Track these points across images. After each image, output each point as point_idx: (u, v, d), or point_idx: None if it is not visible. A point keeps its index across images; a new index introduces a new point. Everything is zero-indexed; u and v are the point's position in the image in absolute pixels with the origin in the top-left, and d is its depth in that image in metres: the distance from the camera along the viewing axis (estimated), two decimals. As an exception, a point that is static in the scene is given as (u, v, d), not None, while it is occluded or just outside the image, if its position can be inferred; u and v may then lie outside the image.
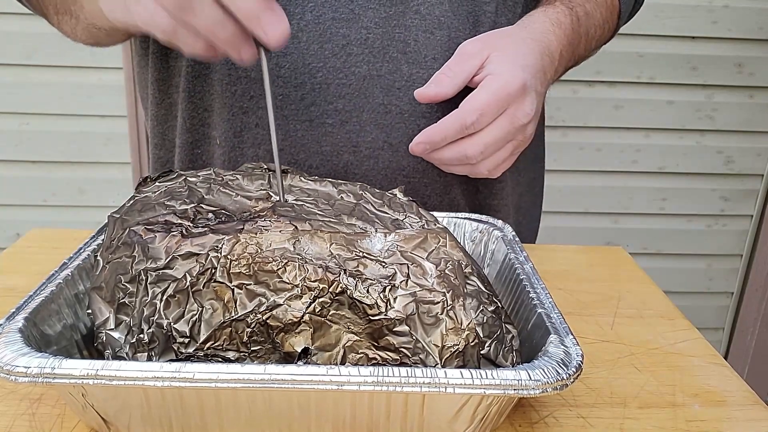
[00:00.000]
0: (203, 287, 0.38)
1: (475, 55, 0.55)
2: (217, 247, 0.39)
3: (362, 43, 0.57)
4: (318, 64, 0.58)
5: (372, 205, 0.47)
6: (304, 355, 0.39)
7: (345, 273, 0.38)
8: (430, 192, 0.63)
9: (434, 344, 0.38)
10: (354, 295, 0.38)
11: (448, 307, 0.38)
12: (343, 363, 0.38)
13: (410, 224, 0.45)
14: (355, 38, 0.57)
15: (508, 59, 0.54)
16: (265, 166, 0.51)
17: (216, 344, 0.38)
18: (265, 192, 0.46)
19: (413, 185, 0.62)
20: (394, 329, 0.38)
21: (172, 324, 0.38)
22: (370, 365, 0.37)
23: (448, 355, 0.37)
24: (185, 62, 0.62)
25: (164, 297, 0.38)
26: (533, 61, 0.56)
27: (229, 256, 0.38)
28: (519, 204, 0.73)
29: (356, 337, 0.39)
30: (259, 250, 0.39)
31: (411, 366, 0.37)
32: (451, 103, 0.56)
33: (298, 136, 0.59)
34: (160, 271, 0.39)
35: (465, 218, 0.57)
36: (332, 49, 0.57)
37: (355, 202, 0.47)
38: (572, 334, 0.39)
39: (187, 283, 0.38)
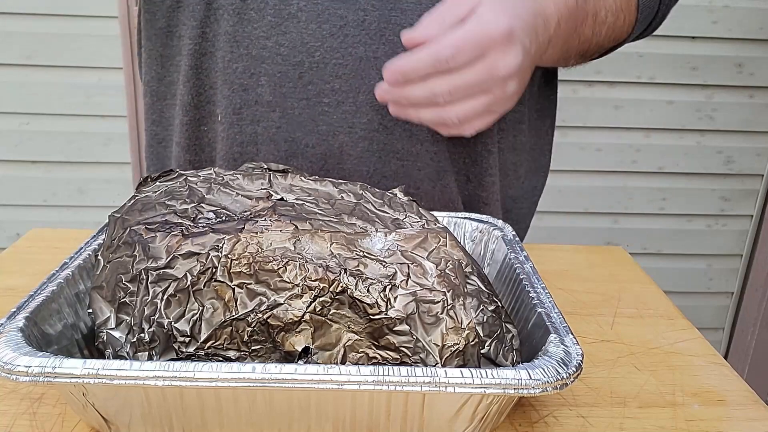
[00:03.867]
0: (204, 286, 0.38)
1: (465, 1, 0.53)
2: (218, 246, 0.39)
3: (359, 25, 0.58)
4: (316, 44, 0.59)
5: (372, 204, 0.47)
6: (305, 355, 0.39)
7: (345, 272, 0.39)
8: (423, 177, 0.63)
9: (434, 343, 0.38)
10: (354, 295, 0.38)
11: (449, 307, 0.38)
12: (343, 362, 0.38)
13: (410, 224, 0.45)
14: (352, 19, 0.58)
15: (497, 6, 0.52)
16: (266, 166, 0.51)
17: (217, 343, 0.38)
18: (265, 191, 0.46)
19: (406, 168, 0.63)
20: (395, 328, 0.38)
21: (172, 323, 0.38)
22: (371, 364, 0.37)
23: (448, 355, 0.38)
24: (190, 40, 0.62)
25: (165, 296, 0.38)
26: (525, 15, 0.53)
27: (229, 256, 0.38)
28: (511, 207, 0.73)
29: (357, 337, 0.39)
30: (259, 250, 0.39)
31: (411, 365, 0.37)
32: None
33: (296, 114, 0.61)
34: (161, 271, 0.39)
35: (465, 218, 0.57)
36: (329, 30, 0.58)
37: (355, 201, 0.47)
38: (572, 334, 0.39)
39: (188, 283, 0.38)
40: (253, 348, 0.39)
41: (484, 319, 0.39)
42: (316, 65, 0.59)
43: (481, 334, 0.38)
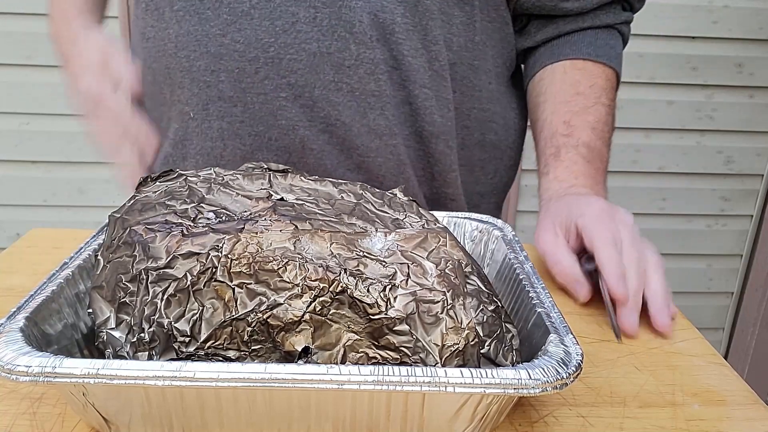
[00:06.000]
0: (204, 286, 0.38)
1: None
2: (218, 246, 0.39)
3: (311, 21, 0.60)
4: (270, 40, 0.60)
5: (372, 204, 0.47)
6: (305, 354, 0.39)
7: (345, 272, 0.39)
8: (384, 172, 0.65)
9: (434, 343, 0.38)
10: (354, 295, 0.38)
11: (448, 307, 0.38)
12: (343, 362, 0.38)
13: (410, 224, 0.45)
14: (303, 16, 0.60)
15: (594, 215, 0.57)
16: (266, 166, 0.51)
17: (217, 343, 0.38)
18: (265, 192, 0.46)
19: (367, 163, 0.65)
20: (395, 328, 0.38)
21: (172, 323, 0.38)
22: (371, 364, 0.37)
23: (448, 354, 0.38)
24: (161, 41, 0.64)
25: (165, 296, 0.38)
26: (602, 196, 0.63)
27: (229, 256, 0.38)
28: (479, 202, 0.75)
29: (356, 336, 0.39)
30: (259, 250, 0.39)
31: (411, 365, 0.37)
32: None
33: (256, 108, 0.62)
34: (161, 271, 0.39)
35: (465, 218, 0.57)
36: (282, 26, 0.60)
37: (355, 201, 0.47)
38: (572, 334, 0.39)
39: (188, 283, 0.38)
40: (253, 348, 0.39)
41: (484, 319, 0.39)
42: (271, 60, 0.61)
43: (481, 334, 0.38)
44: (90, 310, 0.40)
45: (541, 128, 0.70)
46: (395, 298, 0.38)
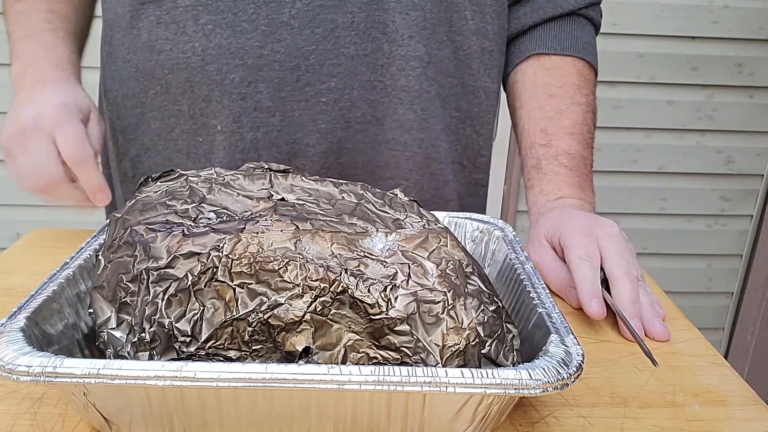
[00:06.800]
0: (205, 286, 0.38)
1: (593, 255, 0.55)
2: (219, 246, 0.39)
3: (348, 26, 0.61)
4: (310, 48, 0.61)
5: (373, 204, 0.47)
6: (305, 355, 0.39)
7: (346, 272, 0.39)
8: (412, 166, 0.67)
9: (435, 343, 0.38)
10: (355, 295, 0.38)
11: (449, 307, 0.38)
12: (344, 362, 0.38)
13: (411, 224, 0.45)
14: (341, 22, 0.61)
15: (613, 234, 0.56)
16: (266, 166, 0.51)
17: (217, 343, 0.38)
18: (266, 192, 0.46)
19: (396, 158, 0.66)
20: (395, 328, 0.38)
21: (173, 323, 0.38)
22: (371, 364, 0.37)
23: (448, 355, 0.38)
24: (182, 54, 0.63)
25: (166, 296, 0.38)
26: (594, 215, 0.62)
27: (230, 256, 0.38)
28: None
29: (357, 337, 0.39)
30: (260, 250, 0.39)
31: (412, 365, 0.37)
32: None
33: (296, 115, 0.63)
34: (162, 271, 0.39)
35: (465, 218, 0.57)
36: (322, 33, 0.61)
37: (356, 201, 0.47)
38: (573, 334, 0.39)
39: (189, 282, 0.38)
40: (253, 348, 0.39)
41: (485, 319, 0.39)
42: (312, 67, 0.61)
43: (482, 334, 0.38)
44: (91, 310, 0.40)
45: (520, 136, 0.71)
46: (396, 299, 0.38)
